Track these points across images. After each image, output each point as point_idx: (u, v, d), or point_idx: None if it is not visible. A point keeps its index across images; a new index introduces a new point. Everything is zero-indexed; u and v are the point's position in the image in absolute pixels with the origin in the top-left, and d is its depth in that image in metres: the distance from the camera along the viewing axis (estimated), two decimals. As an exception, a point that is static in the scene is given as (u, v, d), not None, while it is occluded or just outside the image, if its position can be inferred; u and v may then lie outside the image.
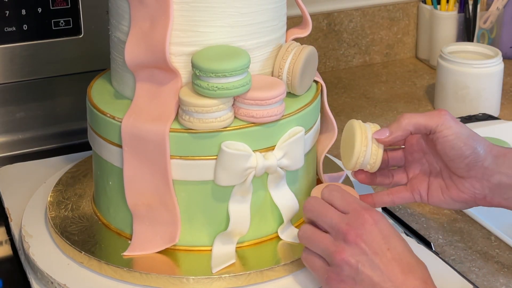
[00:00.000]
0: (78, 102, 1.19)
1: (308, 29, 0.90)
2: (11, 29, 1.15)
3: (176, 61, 0.81)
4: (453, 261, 0.90)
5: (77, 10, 1.18)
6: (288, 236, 0.86)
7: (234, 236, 0.83)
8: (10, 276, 0.90)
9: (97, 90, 0.89)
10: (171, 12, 0.79)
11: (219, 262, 0.81)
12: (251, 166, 0.80)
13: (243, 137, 0.80)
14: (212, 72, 0.76)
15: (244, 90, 0.78)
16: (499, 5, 1.47)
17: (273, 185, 0.84)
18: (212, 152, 0.80)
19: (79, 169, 1.01)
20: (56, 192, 0.95)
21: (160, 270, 0.80)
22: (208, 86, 0.77)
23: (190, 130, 0.79)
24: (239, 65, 0.77)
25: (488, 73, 1.26)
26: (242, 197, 0.82)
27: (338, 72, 1.52)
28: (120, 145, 0.82)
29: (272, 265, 0.81)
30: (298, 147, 0.83)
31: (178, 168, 0.80)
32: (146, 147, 0.80)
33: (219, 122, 0.78)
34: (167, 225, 0.83)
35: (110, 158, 0.84)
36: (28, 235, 0.88)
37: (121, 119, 0.81)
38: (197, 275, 0.80)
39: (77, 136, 1.20)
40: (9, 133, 1.20)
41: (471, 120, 1.20)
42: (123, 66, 0.85)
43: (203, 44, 0.81)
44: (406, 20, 1.56)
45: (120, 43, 0.84)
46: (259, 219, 0.85)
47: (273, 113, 0.80)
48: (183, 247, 0.84)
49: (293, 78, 0.84)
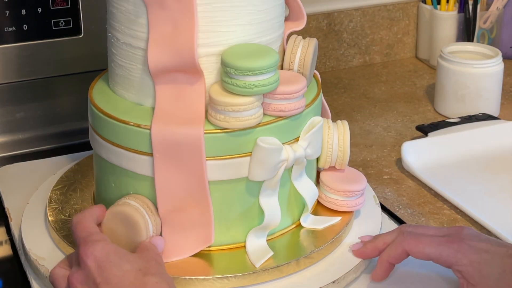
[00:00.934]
0: (78, 102, 1.19)
1: (303, 21, 0.92)
2: (11, 29, 1.15)
3: (201, 62, 0.81)
4: (453, 261, 0.90)
5: (77, 10, 1.18)
6: (310, 223, 0.90)
7: (268, 230, 0.85)
8: (10, 276, 0.90)
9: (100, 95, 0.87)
10: (196, 14, 0.79)
11: (259, 256, 0.83)
12: (284, 159, 0.82)
13: (273, 132, 0.82)
14: (249, 70, 0.78)
15: (277, 85, 0.81)
16: (499, 5, 1.47)
17: (296, 175, 0.86)
18: (247, 149, 0.81)
19: (77, 170, 1.01)
20: (55, 194, 0.95)
21: (198, 273, 0.80)
22: (245, 85, 0.78)
23: (226, 130, 0.80)
24: (272, 61, 0.79)
25: (488, 73, 1.26)
26: (272, 191, 0.84)
27: (338, 72, 1.52)
28: (147, 152, 0.80)
29: (306, 253, 0.84)
30: (319, 136, 0.86)
31: (213, 169, 0.81)
32: (179, 151, 0.79)
33: (254, 119, 0.80)
34: (201, 227, 0.82)
35: (134, 167, 0.82)
36: (29, 240, 0.88)
37: (148, 126, 0.80)
38: (241, 272, 0.80)
39: (77, 136, 1.20)
40: (9, 133, 1.20)
41: (471, 120, 1.20)
42: (135, 72, 0.84)
43: (224, 43, 0.81)
44: (406, 20, 1.56)
45: (131, 49, 0.83)
46: (286, 210, 0.87)
47: (299, 105, 0.83)
48: (216, 247, 0.84)
49: (305, 70, 0.87)
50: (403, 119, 1.29)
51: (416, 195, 1.05)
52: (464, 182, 1.07)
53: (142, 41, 0.82)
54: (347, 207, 0.91)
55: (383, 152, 1.18)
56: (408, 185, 1.08)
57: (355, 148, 1.18)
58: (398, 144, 1.17)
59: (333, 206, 0.91)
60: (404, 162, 1.10)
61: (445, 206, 1.02)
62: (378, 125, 1.27)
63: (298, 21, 0.91)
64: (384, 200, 1.03)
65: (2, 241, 0.96)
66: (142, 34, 0.82)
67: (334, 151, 0.89)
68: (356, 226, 0.92)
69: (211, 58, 0.81)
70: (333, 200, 0.91)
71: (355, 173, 0.93)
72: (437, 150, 1.13)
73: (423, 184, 1.07)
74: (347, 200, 0.91)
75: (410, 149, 1.11)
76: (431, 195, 1.05)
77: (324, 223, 0.89)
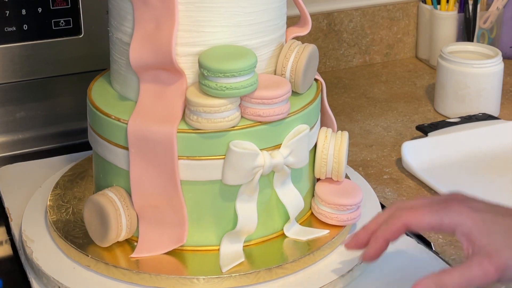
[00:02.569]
0: (78, 102, 1.19)
1: (308, 27, 0.91)
2: (11, 29, 1.15)
3: (182, 62, 0.81)
4: (453, 261, 0.90)
5: (77, 10, 1.18)
6: (293, 234, 0.87)
7: (242, 235, 0.83)
8: (10, 276, 0.89)
9: (98, 92, 0.89)
10: (176, 13, 0.79)
11: (228, 261, 0.82)
12: (259, 165, 0.80)
13: (250, 136, 0.80)
14: (221, 72, 0.77)
15: (252, 89, 0.79)
16: (499, 5, 1.47)
17: (279, 183, 0.85)
18: (220, 152, 0.80)
19: (75, 171, 1.01)
20: (54, 196, 0.95)
21: (169, 271, 0.80)
22: (216, 86, 0.77)
23: (198, 131, 0.79)
24: (247, 64, 0.78)
25: (488, 73, 1.26)
26: (249, 196, 0.82)
27: (338, 72, 1.52)
28: (126, 147, 0.81)
29: (280, 262, 0.82)
30: (303, 145, 0.84)
31: (185, 169, 0.80)
32: (153, 148, 0.80)
33: (227, 121, 0.79)
34: (174, 225, 0.83)
35: (115, 160, 0.84)
36: (30, 240, 0.88)
37: (127, 121, 0.81)
38: (207, 275, 0.80)
39: (77, 136, 1.20)
40: (9, 133, 1.20)
41: (471, 120, 1.20)
42: (125, 67, 0.85)
43: (208, 44, 0.81)
44: (406, 20, 1.56)
45: (122, 44, 0.84)
46: (265, 218, 0.85)
47: (279, 111, 0.81)
48: (190, 247, 0.84)
49: (297, 76, 0.85)
50: (403, 119, 1.30)
51: (416, 195, 1.05)
52: (464, 182, 1.07)
53: (130, 37, 0.83)
54: (337, 220, 0.88)
55: (383, 152, 1.18)
56: (408, 185, 1.08)
57: (355, 148, 1.18)
58: (398, 144, 1.17)
59: (324, 218, 0.89)
60: (404, 162, 1.10)
61: (445, 206, 1.02)
62: (378, 125, 1.27)
63: (304, 26, 0.91)
64: (384, 200, 1.03)
65: (2, 241, 0.96)
66: (130, 30, 0.83)
67: (329, 161, 0.88)
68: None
69: (194, 57, 0.81)
70: (324, 212, 0.89)
71: (352, 187, 0.91)
72: (437, 150, 1.13)
73: (423, 184, 1.07)
74: (337, 214, 0.88)
75: (410, 149, 1.11)
76: (431, 195, 1.05)
77: (309, 235, 0.87)
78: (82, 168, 1.01)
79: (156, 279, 0.80)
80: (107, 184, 0.86)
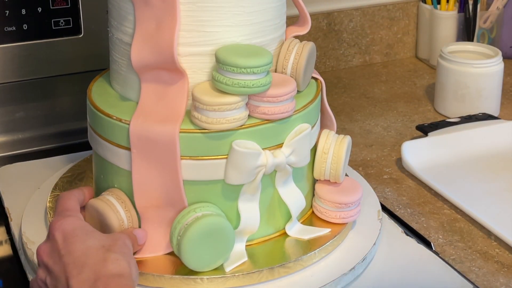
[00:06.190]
0: (78, 102, 1.19)
1: (307, 26, 0.91)
2: (11, 29, 1.15)
3: (183, 62, 0.81)
4: (453, 261, 0.90)
5: (77, 10, 1.18)
6: (295, 233, 0.87)
7: (245, 235, 0.84)
8: (10, 276, 0.89)
9: (98, 92, 0.89)
10: (178, 13, 0.79)
11: (231, 261, 0.82)
12: (261, 164, 0.80)
13: (253, 136, 0.80)
14: (242, 67, 0.77)
15: (267, 88, 0.79)
16: (499, 5, 1.47)
17: (280, 182, 0.85)
18: (223, 152, 0.80)
19: (74, 172, 1.00)
20: (54, 197, 0.95)
21: (172, 271, 0.80)
22: (234, 83, 0.77)
23: (203, 130, 0.79)
24: (265, 62, 0.78)
25: (488, 73, 1.26)
26: (251, 195, 0.83)
27: (338, 72, 1.52)
28: (127, 147, 0.81)
29: (282, 262, 0.82)
30: (305, 144, 0.84)
31: (188, 169, 0.80)
32: (155, 148, 0.79)
33: (236, 121, 0.79)
34: None
35: (116, 161, 0.84)
36: (30, 242, 0.88)
37: (128, 121, 0.81)
38: (210, 275, 0.80)
39: (77, 136, 1.20)
40: (9, 133, 1.20)
41: (471, 120, 1.20)
42: (126, 67, 0.85)
43: (209, 44, 0.81)
44: (406, 20, 1.56)
45: (123, 44, 0.84)
46: (268, 217, 0.86)
47: (285, 109, 0.81)
48: None
49: (297, 74, 0.85)
50: (403, 119, 1.30)
51: (416, 194, 1.05)
52: (464, 182, 1.07)
53: (131, 37, 0.83)
54: (337, 218, 0.88)
55: (383, 152, 1.18)
56: (408, 184, 1.08)
57: (355, 148, 1.18)
58: (398, 144, 1.17)
59: (324, 216, 0.89)
60: (404, 162, 1.10)
61: (445, 206, 1.02)
62: (378, 125, 1.27)
63: (304, 26, 0.91)
64: (384, 200, 1.03)
65: (2, 241, 0.95)
66: (131, 30, 0.83)
67: (327, 164, 0.88)
68: (348, 241, 0.89)
69: (195, 57, 0.81)
70: (324, 210, 0.89)
71: (351, 184, 0.91)
72: (437, 150, 1.13)
73: (423, 184, 1.07)
74: (337, 212, 0.88)
75: (410, 149, 1.11)
76: (431, 194, 1.05)
77: (311, 234, 0.87)
78: (81, 169, 1.01)
79: (159, 280, 0.80)
80: (108, 185, 0.86)
